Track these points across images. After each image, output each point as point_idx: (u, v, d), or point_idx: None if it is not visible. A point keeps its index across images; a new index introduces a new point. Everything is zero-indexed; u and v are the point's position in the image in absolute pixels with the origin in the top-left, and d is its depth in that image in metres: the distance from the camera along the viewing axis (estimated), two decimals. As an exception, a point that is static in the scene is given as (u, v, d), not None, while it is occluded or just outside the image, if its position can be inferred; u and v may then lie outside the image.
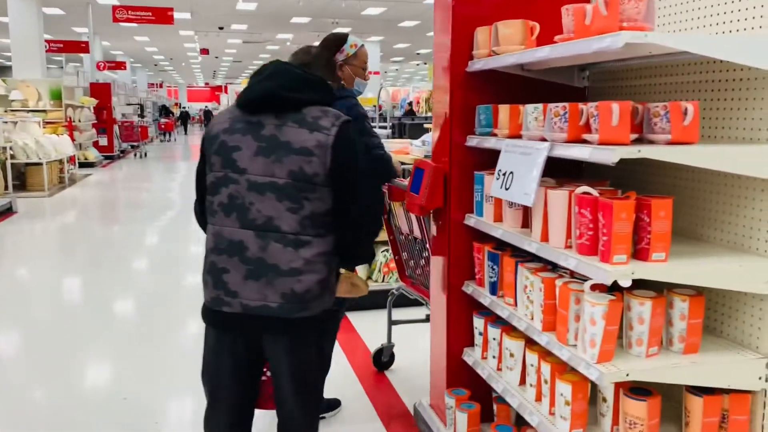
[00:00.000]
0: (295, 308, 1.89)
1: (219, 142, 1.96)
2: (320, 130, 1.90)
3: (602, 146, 1.74)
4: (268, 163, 1.89)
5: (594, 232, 1.82)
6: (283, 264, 1.87)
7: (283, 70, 1.98)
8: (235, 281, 1.89)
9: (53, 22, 18.92)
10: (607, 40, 1.67)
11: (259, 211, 1.89)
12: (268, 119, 1.93)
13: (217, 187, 1.95)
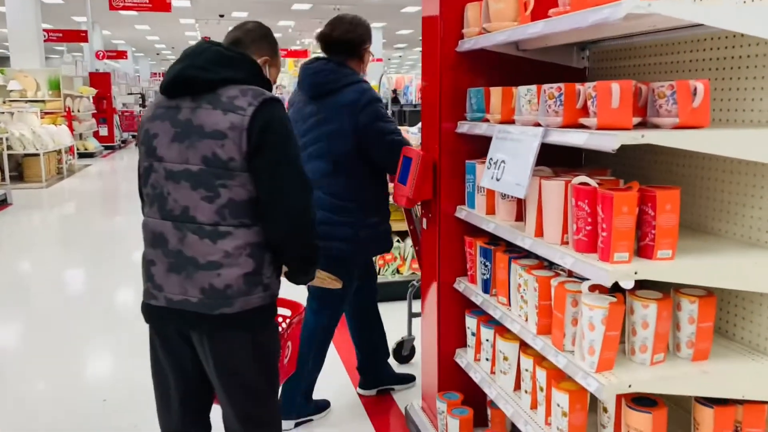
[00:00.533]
0: (216, 304, 1.76)
1: (144, 131, 1.85)
2: (235, 111, 1.73)
3: (601, 131, 1.55)
4: (182, 149, 1.76)
5: (593, 227, 1.64)
6: (200, 257, 1.75)
7: (201, 50, 1.82)
8: (160, 274, 1.81)
9: (52, 11, 18.72)
10: (605, 11, 1.48)
11: (176, 201, 1.77)
12: (185, 102, 1.78)
13: (145, 177, 1.86)
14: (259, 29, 1.99)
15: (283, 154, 1.78)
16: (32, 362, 3.78)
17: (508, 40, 1.98)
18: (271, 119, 1.75)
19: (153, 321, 1.89)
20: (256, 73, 1.86)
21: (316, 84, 2.67)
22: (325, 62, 2.70)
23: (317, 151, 2.68)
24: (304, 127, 2.72)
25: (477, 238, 2.35)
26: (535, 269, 1.97)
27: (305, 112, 2.72)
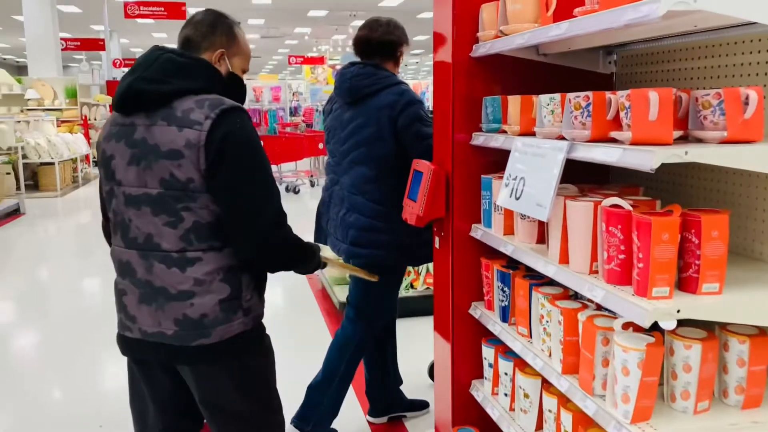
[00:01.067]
0: (191, 335, 1.61)
1: (101, 151, 1.68)
2: (191, 126, 1.55)
3: (636, 147, 1.34)
4: (139, 171, 1.59)
5: (627, 256, 1.43)
6: (170, 287, 1.61)
7: (152, 59, 1.63)
8: (132, 305, 1.67)
9: (70, 20, 18.82)
10: (643, 8, 1.27)
11: (138, 228, 1.62)
12: (139, 119, 1.61)
13: (108, 202, 1.71)
14: (207, 19, 1.74)
15: (244, 169, 1.58)
16: (48, 370, 3.69)
17: (528, 43, 1.78)
18: (230, 131, 1.56)
19: (130, 353, 1.74)
20: (214, 78, 1.67)
21: (354, 88, 2.57)
22: (362, 66, 2.61)
23: (359, 157, 2.58)
24: (343, 134, 2.63)
25: (494, 260, 2.15)
26: (559, 299, 1.76)
27: (344, 118, 2.64)
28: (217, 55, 1.71)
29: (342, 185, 2.67)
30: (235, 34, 1.76)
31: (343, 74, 2.65)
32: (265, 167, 1.63)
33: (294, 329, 4.34)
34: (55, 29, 14.90)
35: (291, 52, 28.02)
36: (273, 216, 1.61)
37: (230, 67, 1.74)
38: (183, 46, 1.73)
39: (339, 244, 2.67)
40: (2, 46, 25.52)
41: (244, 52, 1.78)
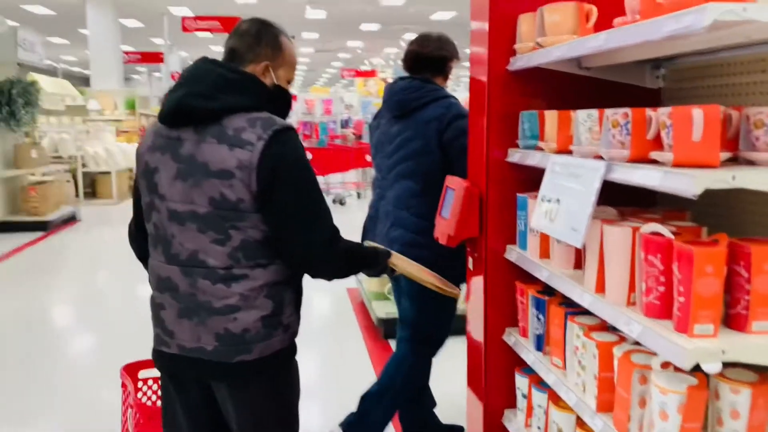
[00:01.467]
0: (233, 351, 1.59)
1: (143, 162, 1.65)
2: (243, 146, 1.52)
3: (678, 170, 1.22)
4: (186, 188, 1.56)
5: (667, 288, 1.31)
6: (215, 301, 1.58)
7: (201, 73, 1.60)
8: (171, 319, 1.64)
9: (133, 34, 19.47)
10: (686, 18, 1.16)
11: (182, 245, 1.60)
12: (187, 134, 1.58)
13: (147, 214, 1.68)
14: (252, 29, 1.69)
15: (296, 191, 1.57)
16: (102, 372, 3.74)
17: (565, 56, 1.67)
18: (282, 153, 1.54)
19: (166, 369, 1.71)
20: (264, 96, 1.64)
21: (403, 101, 2.55)
22: (411, 80, 2.59)
23: (405, 171, 2.54)
24: (390, 148, 2.60)
25: (530, 284, 2.03)
26: (596, 331, 1.63)
27: (391, 132, 2.61)
28: (262, 67, 1.67)
29: (387, 200, 2.61)
30: (280, 45, 1.71)
31: (392, 88, 2.62)
32: (316, 187, 1.63)
33: (330, 343, 4.28)
34: (117, 42, 15.43)
35: (344, 65, 28.28)
36: (326, 234, 1.61)
37: (275, 79, 1.70)
38: (228, 57, 1.69)
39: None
40: (70, 59, 26.63)
41: (289, 62, 1.74)
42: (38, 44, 8.26)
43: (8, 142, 8.10)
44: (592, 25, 1.77)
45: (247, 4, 14.98)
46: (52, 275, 6.33)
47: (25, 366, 3.96)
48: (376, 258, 1.85)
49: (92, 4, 14.81)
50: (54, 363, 4.02)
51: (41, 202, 8.16)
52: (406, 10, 15.95)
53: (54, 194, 8.62)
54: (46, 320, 4.96)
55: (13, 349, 4.28)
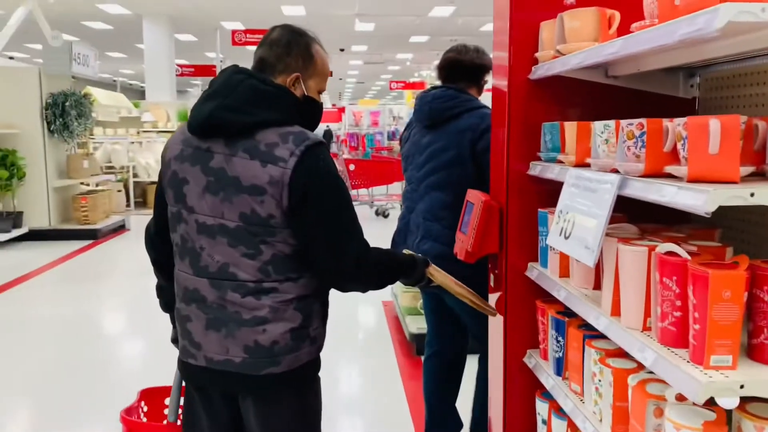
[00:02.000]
0: (261, 363, 1.56)
1: (171, 171, 1.61)
2: (275, 162, 1.48)
3: (691, 185, 1.12)
4: (216, 202, 1.53)
5: (683, 314, 1.20)
6: (244, 312, 1.56)
7: (232, 85, 1.55)
8: (198, 331, 1.62)
9: (187, 47, 20.01)
10: (699, 20, 1.06)
11: (212, 257, 1.57)
12: (218, 146, 1.54)
13: (173, 224, 1.66)
14: (283, 39, 1.63)
15: (328, 208, 1.54)
16: (151, 378, 3.70)
17: (582, 64, 1.58)
18: (313, 169, 1.52)
19: (192, 381, 1.70)
20: (294, 107, 1.60)
21: (437, 110, 2.49)
22: (444, 89, 2.53)
23: (436, 182, 2.49)
24: (421, 159, 2.55)
25: (551, 304, 1.93)
26: (613, 356, 1.53)
27: (422, 143, 2.56)
28: (292, 78, 1.63)
29: (417, 212, 2.56)
30: (311, 55, 1.65)
31: (423, 97, 2.56)
32: (348, 203, 1.59)
33: (362, 357, 4.22)
34: (171, 56, 15.87)
35: (393, 77, 28.39)
36: (356, 251, 1.57)
37: (306, 90, 1.65)
38: (258, 66, 1.65)
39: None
40: (128, 72, 27.56)
41: (320, 72, 1.68)
42: (92, 58, 8.53)
43: (61, 153, 8.38)
44: (615, 31, 1.68)
45: (295, 17, 15.18)
46: (101, 282, 6.49)
47: (73, 369, 4.04)
48: (413, 266, 1.78)
49: (148, 20, 15.29)
50: (102, 366, 4.09)
51: (91, 211, 8.40)
52: (455, 22, 15.89)
53: (104, 203, 8.86)
54: (95, 325, 5.07)
55: (62, 352, 4.38)
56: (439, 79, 2.62)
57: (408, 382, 3.76)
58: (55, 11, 13.32)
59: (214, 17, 15.43)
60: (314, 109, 1.69)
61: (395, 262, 1.75)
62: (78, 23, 15.84)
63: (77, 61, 8.01)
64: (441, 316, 2.71)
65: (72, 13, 14.44)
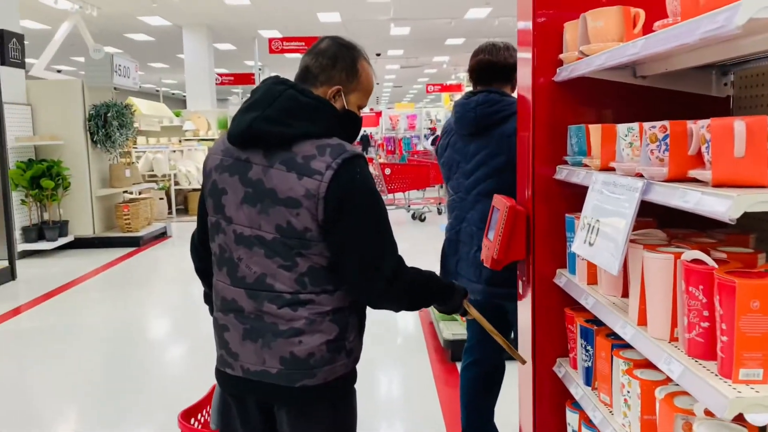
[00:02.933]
0: (297, 375, 1.55)
1: (211, 181, 1.63)
2: (311, 175, 1.47)
3: (715, 190, 1.07)
4: (253, 213, 1.54)
5: (711, 324, 1.15)
6: (281, 323, 1.55)
7: (272, 96, 1.54)
8: (235, 341, 1.62)
9: (226, 56, 20.34)
10: (719, 17, 1.01)
11: (249, 268, 1.57)
12: (256, 157, 1.54)
13: (212, 233, 1.67)
14: (329, 51, 1.62)
15: (363, 222, 1.52)
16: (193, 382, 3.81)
17: (606, 64, 1.53)
18: (350, 182, 1.49)
19: (229, 390, 1.70)
20: (333, 120, 1.58)
21: (483, 116, 2.41)
22: (487, 93, 2.45)
23: (487, 190, 2.41)
24: (469, 167, 2.48)
25: (579, 312, 1.88)
26: (641, 367, 1.47)
27: (468, 150, 2.48)
28: (333, 91, 1.61)
29: (469, 221, 2.48)
30: (356, 70, 1.64)
31: (465, 104, 2.47)
32: (383, 219, 1.56)
33: (396, 363, 4.20)
34: (211, 65, 16.13)
35: (430, 80, 28.31)
36: (389, 267, 1.54)
37: (346, 103, 1.64)
38: (301, 74, 1.65)
39: (473, 285, 2.44)
40: (170, 82, 28.16)
41: (363, 88, 1.67)
42: (132, 69, 8.73)
43: (104, 163, 8.60)
44: (641, 30, 1.62)
45: (331, 23, 15.28)
46: (144, 288, 6.62)
47: (118, 374, 4.13)
48: (451, 294, 1.74)
49: (188, 31, 15.58)
50: (147, 371, 4.17)
51: (133, 219, 8.58)
52: (491, 23, 15.75)
53: (146, 211, 9.05)
54: (139, 330, 5.17)
55: (106, 357, 4.49)
56: (471, 81, 2.56)
57: (442, 388, 3.72)
58: (98, 25, 13.71)
59: (251, 26, 15.64)
60: (353, 123, 1.67)
61: (432, 286, 1.70)
62: (121, 35, 16.25)
63: (118, 72, 8.21)
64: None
65: (115, 25, 14.83)
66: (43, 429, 3.39)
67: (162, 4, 12.44)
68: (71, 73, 21.24)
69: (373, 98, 45.78)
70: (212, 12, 14.00)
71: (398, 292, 1.58)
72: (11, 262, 6.72)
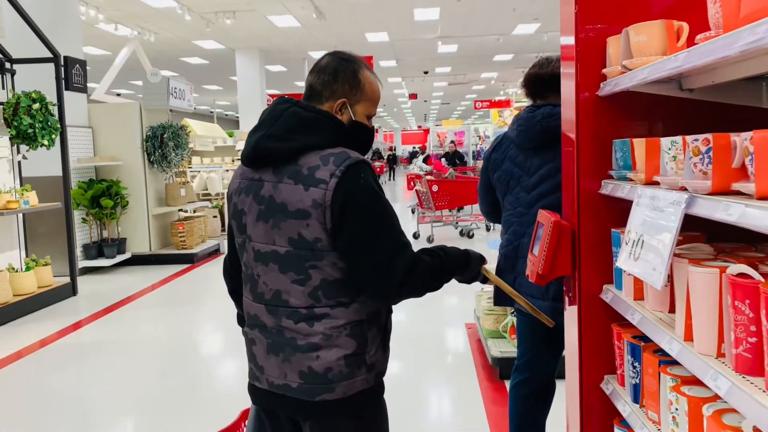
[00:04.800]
0: (316, 390, 1.58)
1: (233, 204, 1.71)
2: (316, 185, 1.52)
3: (760, 203, 1.06)
4: (268, 229, 1.60)
5: (758, 340, 1.12)
6: (299, 338, 1.59)
7: (276, 114, 1.61)
8: (261, 355, 1.67)
9: (277, 78, 20.79)
10: (760, 29, 1.01)
11: (266, 284, 1.63)
12: (267, 175, 1.61)
13: (240, 253, 1.74)
14: (330, 66, 1.67)
15: (368, 225, 1.54)
16: (247, 402, 3.90)
17: (648, 78, 1.53)
18: (353, 187, 1.53)
19: (258, 403, 1.75)
20: (339, 133, 1.63)
21: (551, 128, 2.38)
22: (552, 107, 2.43)
23: (551, 204, 2.39)
24: (532, 181, 2.47)
25: (627, 327, 1.85)
26: (689, 384, 1.45)
27: (531, 164, 2.48)
28: (338, 104, 1.66)
29: (530, 236, 2.41)
30: (358, 80, 1.68)
31: (531, 117, 2.46)
32: (388, 216, 1.57)
33: (443, 381, 4.18)
34: (263, 87, 16.52)
35: (478, 97, 28.25)
36: (403, 264, 1.54)
37: (353, 115, 1.68)
38: (307, 93, 1.71)
39: (539, 302, 2.42)
40: (223, 104, 28.93)
41: (369, 98, 1.71)
42: (187, 92, 9.02)
43: (160, 182, 8.89)
44: (684, 43, 1.61)
45: (379, 42, 15.46)
46: (197, 303, 6.79)
47: (172, 388, 4.25)
48: (468, 265, 1.72)
49: (241, 54, 16.02)
50: (200, 385, 4.28)
51: (188, 236, 8.83)
52: (540, 38, 15.67)
53: (200, 229, 9.29)
54: (193, 345, 5.32)
55: (161, 370, 4.63)
56: (527, 97, 2.57)
57: (490, 406, 3.69)
58: (155, 50, 14.25)
59: (301, 48, 15.97)
60: (363, 134, 1.71)
61: (447, 266, 1.66)
62: (177, 59, 16.81)
63: (174, 95, 8.49)
64: (536, 338, 2.62)
65: (171, 50, 15.37)
66: (100, 439, 3.51)
67: (216, 28, 12.84)
68: (130, 96, 22.06)
69: (420, 116, 45.74)
70: (264, 35, 14.37)
71: (415, 285, 1.57)
72: (73, 278, 7.00)
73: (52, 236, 7.49)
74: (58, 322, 5.94)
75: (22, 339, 5.40)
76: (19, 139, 6.14)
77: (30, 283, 6.37)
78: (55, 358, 4.92)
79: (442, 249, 1.68)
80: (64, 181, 6.96)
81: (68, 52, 7.08)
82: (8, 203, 6.06)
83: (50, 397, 4.15)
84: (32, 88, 6.33)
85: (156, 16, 11.90)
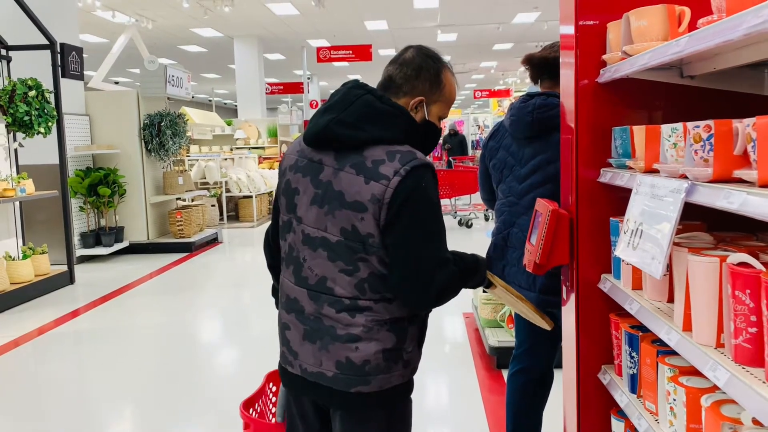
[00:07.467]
0: (352, 381, 1.56)
1: (286, 180, 1.66)
2: (378, 180, 1.48)
3: (762, 190, 1.03)
4: (321, 214, 1.56)
5: (758, 330, 1.11)
6: (339, 328, 1.56)
7: (349, 100, 1.56)
8: (295, 340, 1.64)
9: (276, 66, 20.71)
10: (764, 12, 0.98)
11: (311, 270, 1.59)
12: (328, 159, 1.57)
13: (283, 232, 1.70)
14: (414, 61, 1.63)
15: (419, 232, 1.51)
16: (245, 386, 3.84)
17: (649, 64, 1.50)
18: (414, 190, 1.49)
19: (289, 387, 1.73)
20: (410, 130, 1.59)
21: (542, 119, 2.36)
22: (545, 97, 2.40)
23: (542, 195, 2.33)
24: (524, 171, 2.44)
25: (624, 317, 1.84)
26: (687, 374, 1.43)
27: (524, 154, 2.44)
28: (416, 101, 1.62)
29: (520, 227, 2.43)
30: (440, 81, 1.65)
31: (523, 107, 2.43)
32: (438, 232, 1.55)
33: (441, 370, 4.18)
34: (261, 75, 16.46)
35: (478, 86, 28.16)
36: (442, 281, 1.53)
37: (427, 114, 1.64)
38: (385, 83, 1.66)
39: (526, 293, 2.41)
40: (221, 92, 28.82)
41: (446, 99, 1.67)
42: (185, 80, 8.97)
43: (158, 170, 8.85)
44: (686, 28, 1.58)
45: (378, 31, 15.38)
46: (195, 292, 6.78)
47: (171, 375, 4.24)
48: (476, 272, 1.71)
49: (239, 42, 15.94)
50: (198, 372, 4.28)
51: (186, 225, 8.80)
52: (540, 27, 15.59)
53: (198, 218, 9.27)
54: (190, 333, 5.31)
55: (159, 357, 4.63)
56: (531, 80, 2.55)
57: (488, 395, 3.68)
58: (153, 37, 14.16)
59: (300, 36, 15.89)
60: (432, 134, 1.67)
61: (465, 273, 1.66)
62: (174, 47, 16.73)
63: (171, 83, 8.44)
64: (534, 327, 2.60)
65: (169, 38, 15.28)
66: (101, 427, 3.50)
67: (214, 16, 12.76)
68: (127, 84, 21.98)
69: (420, 105, 45.62)
70: (263, 23, 14.29)
71: (446, 299, 1.58)
72: (70, 266, 6.98)
73: (50, 224, 7.46)
74: (56, 310, 5.93)
75: (19, 327, 5.39)
76: (16, 126, 6.10)
77: (27, 272, 6.35)
78: (52, 346, 4.92)
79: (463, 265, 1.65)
80: (61, 169, 6.92)
81: (65, 39, 7.02)
82: (5, 191, 6.03)
83: (48, 384, 4.14)
84: (28, 75, 6.29)
85: (154, 3, 11.82)
